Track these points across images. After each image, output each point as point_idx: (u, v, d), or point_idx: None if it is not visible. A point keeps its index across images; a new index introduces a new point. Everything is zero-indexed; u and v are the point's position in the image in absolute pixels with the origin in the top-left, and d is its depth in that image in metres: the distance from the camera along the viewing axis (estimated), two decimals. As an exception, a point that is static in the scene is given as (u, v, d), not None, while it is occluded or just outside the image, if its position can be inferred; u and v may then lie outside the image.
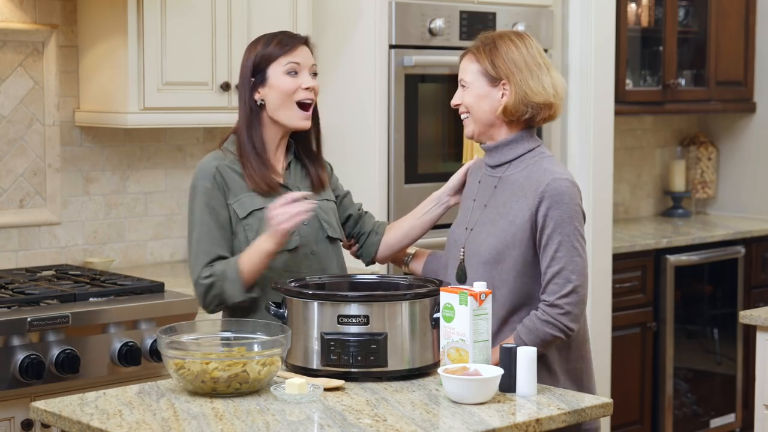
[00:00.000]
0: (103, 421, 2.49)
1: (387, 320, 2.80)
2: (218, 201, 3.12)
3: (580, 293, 2.98)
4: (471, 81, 3.09)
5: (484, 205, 3.11)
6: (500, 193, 3.08)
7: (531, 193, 3.00)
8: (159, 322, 3.68)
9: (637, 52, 5.88)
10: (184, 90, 4.15)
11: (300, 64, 3.14)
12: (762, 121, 6.38)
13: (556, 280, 2.96)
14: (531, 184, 3.02)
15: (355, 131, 4.51)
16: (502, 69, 3.06)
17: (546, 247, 2.97)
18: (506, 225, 3.02)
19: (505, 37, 3.10)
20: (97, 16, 4.16)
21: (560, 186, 2.99)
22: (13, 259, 4.19)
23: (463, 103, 3.12)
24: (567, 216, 2.97)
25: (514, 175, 3.08)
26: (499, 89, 3.06)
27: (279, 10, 4.33)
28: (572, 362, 3.08)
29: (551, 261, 2.97)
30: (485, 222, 3.08)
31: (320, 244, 3.19)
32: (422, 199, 3.93)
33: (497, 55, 3.07)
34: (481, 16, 4.73)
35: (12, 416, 3.47)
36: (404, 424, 2.48)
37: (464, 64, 3.13)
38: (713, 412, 5.82)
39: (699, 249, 5.71)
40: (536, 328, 2.95)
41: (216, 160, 3.16)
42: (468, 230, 3.12)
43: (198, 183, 3.14)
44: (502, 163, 3.10)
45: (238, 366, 2.64)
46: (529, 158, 3.08)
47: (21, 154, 4.19)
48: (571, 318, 2.96)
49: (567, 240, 2.96)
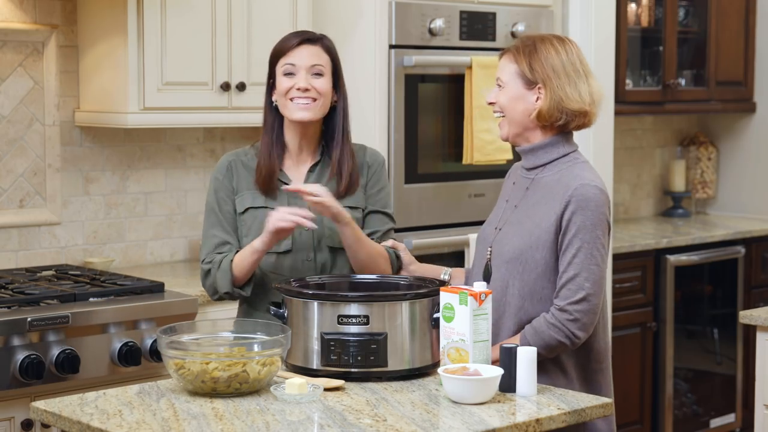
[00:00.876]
0: (103, 421, 2.49)
1: (387, 320, 2.80)
2: (227, 192, 3.20)
3: (592, 302, 2.93)
4: (507, 81, 3.06)
5: (515, 206, 3.09)
6: (531, 195, 3.07)
7: (558, 197, 2.98)
8: (159, 322, 3.68)
9: (637, 52, 5.88)
10: (184, 90, 4.15)
11: (296, 65, 3.15)
12: (762, 121, 6.38)
13: (570, 286, 2.93)
14: (560, 188, 3.00)
15: (355, 131, 4.47)
16: (539, 73, 3.02)
17: (565, 252, 2.95)
18: (532, 227, 3.01)
19: (546, 41, 3.07)
20: (97, 16, 4.16)
21: (588, 192, 2.96)
22: (13, 259, 4.19)
23: (498, 102, 3.10)
24: (590, 223, 2.94)
25: (545, 178, 3.06)
26: (534, 93, 3.03)
27: (279, 10, 4.33)
28: (590, 373, 3.05)
29: (568, 266, 2.94)
30: (513, 222, 3.06)
31: (321, 252, 3.18)
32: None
33: (536, 58, 3.03)
34: (481, 16, 4.73)
35: (12, 416, 3.47)
36: (404, 424, 2.48)
37: (502, 63, 3.10)
38: (713, 412, 5.82)
39: (699, 249, 5.71)
40: (542, 331, 2.93)
41: (235, 154, 3.27)
42: (497, 230, 3.10)
43: (214, 174, 3.26)
44: (537, 166, 3.08)
45: (238, 366, 2.64)
46: (562, 162, 3.06)
47: (21, 154, 4.19)
48: (578, 326, 2.92)
49: (586, 247, 2.93)
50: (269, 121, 3.22)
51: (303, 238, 3.15)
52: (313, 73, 3.17)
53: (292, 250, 3.15)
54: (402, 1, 4.50)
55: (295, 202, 3.15)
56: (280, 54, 3.18)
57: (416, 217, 4.57)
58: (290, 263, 3.15)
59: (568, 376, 3.00)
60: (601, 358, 3.06)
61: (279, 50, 3.20)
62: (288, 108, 3.17)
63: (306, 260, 3.16)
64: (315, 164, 3.23)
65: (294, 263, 3.15)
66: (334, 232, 3.15)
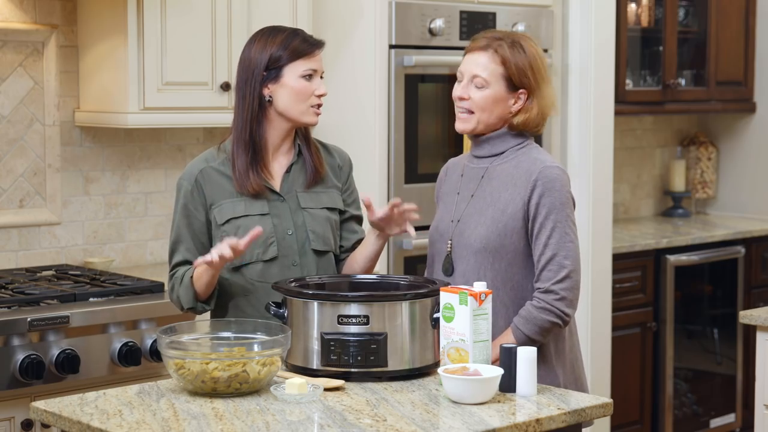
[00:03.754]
0: (103, 421, 2.49)
1: (387, 320, 2.80)
2: (195, 205, 3.12)
3: (574, 278, 2.97)
4: (490, 81, 3.02)
5: (471, 196, 3.09)
6: (487, 183, 3.07)
7: (522, 182, 3.00)
8: (159, 322, 3.68)
9: (637, 52, 5.88)
10: (184, 90, 4.15)
11: (316, 71, 3.13)
12: (762, 121, 6.38)
13: (550, 267, 2.96)
14: (521, 173, 3.01)
15: (355, 131, 4.51)
16: (530, 80, 3.00)
17: (539, 235, 2.97)
18: (497, 214, 3.01)
19: (526, 42, 3.03)
20: (97, 16, 4.16)
21: (551, 173, 2.99)
22: (13, 259, 4.19)
23: (472, 100, 3.04)
24: (559, 203, 2.97)
25: (501, 165, 3.06)
26: (514, 97, 3.03)
27: (279, 10, 4.34)
28: (566, 353, 3.08)
29: (544, 248, 2.96)
30: (472, 213, 3.06)
31: (306, 255, 3.15)
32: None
33: (524, 61, 3.00)
34: (481, 16, 4.73)
35: (12, 416, 3.48)
36: (404, 424, 2.48)
37: (483, 60, 3.02)
38: (713, 412, 5.82)
39: (699, 249, 5.71)
40: (533, 317, 2.95)
41: (204, 161, 3.15)
42: (454, 222, 3.10)
43: (182, 183, 3.15)
44: (492, 155, 3.09)
45: (238, 366, 2.64)
46: (516, 150, 3.07)
47: (21, 154, 4.19)
48: (566, 303, 2.96)
49: (560, 226, 2.96)
50: (250, 117, 3.11)
51: (287, 243, 3.12)
52: (321, 77, 3.17)
53: (278, 256, 3.11)
54: (402, 1, 4.50)
55: (275, 205, 3.11)
56: (301, 55, 3.11)
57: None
58: (277, 270, 3.12)
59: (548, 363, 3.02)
60: (570, 336, 3.09)
61: (299, 51, 3.11)
62: (301, 111, 3.11)
63: (292, 265, 3.13)
64: (291, 165, 3.17)
65: (281, 269, 3.12)
66: (316, 235, 3.14)
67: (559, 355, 3.06)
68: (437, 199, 3.24)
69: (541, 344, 2.98)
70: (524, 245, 3.00)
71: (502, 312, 3.02)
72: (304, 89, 3.11)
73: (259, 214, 3.09)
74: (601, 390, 5.09)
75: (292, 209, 3.14)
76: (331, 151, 3.27)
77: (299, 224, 3.13)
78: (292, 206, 3.14)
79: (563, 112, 5.07)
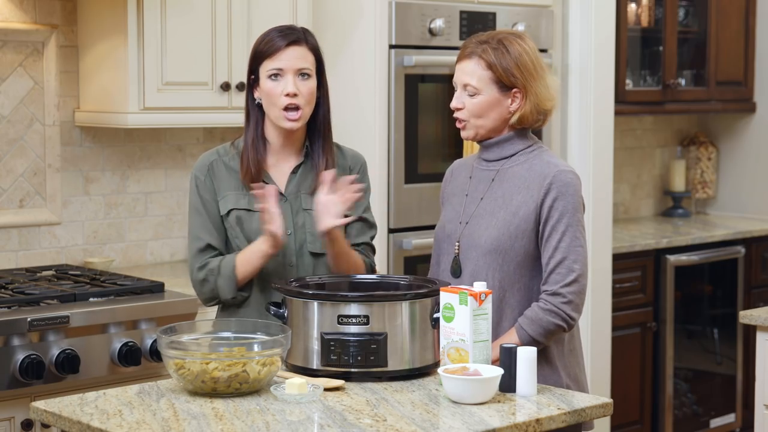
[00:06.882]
0: (103, 421, 2.49)
1: (387, 320, 2.80)
2: (210, 193, 3.15)
3: (582, 283, 2.98)
4: (480, 88, 3.02)
5: (480, 198, 3.09)
6: (498, 185, 3.07)
7: (536, 185, 3.00)
8: (159, 322, 3.68)
9: (637, 52, 5.88)
10: (184, 90, 4.15)
11: (283, 69, 3.07)
12: (762, 121, 6.38)
13: (559, 270, 2.96)
14: (534, 176, 3.02)
15: (355, 131, 4.50)
16: (519, 78, 3.00)
17: (549, 238, 2.98)
18: (508, 216, 3.01)
19: (510, 41, 3.02)
20: (97, 16, 4.16)
21: (566, 178, 3.00)
22: (13, 259, 4.19)
23: (467, 109, 3.05)
24: (572, 207, 2.98)
25: (513, 168, 3.07)
26: (509, 97, 3.03)
27: (279, 10, 4.34)
28: (568, 354, 3.09)
29: (554, 251, 2.97)
30: (482, 214, 3.06)
31: (303, 256, 3.15)
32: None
33: (509, 61, 3.00)
34: (481, 16, 4.73)
35: (12, 416, 3.47)
36: (404, 424, 2.48)
37: (470, 67, 3.03)
38: (713, 412, 5.82)
39: (699, 249, 5.71)
40: (539, 318, 2.95)
41: (216, 154, 3.20)
42: (462, 224, 3.10)
43: (195, 173, 3.19)
44: (502, 158, 3.09)
45: (238, 366, 2.64)
46: (528, 152, 3.07)
47: (21, 154, 4.19)
48: (573, 307, 2.96)
49: (571, 230, 2.97)
50: (252, 119, 3.16)
51: (287, 242, 3.12)
52: (299, 75, 3.09)
53: (276, 255, 3.11)
54: (402, 1, 4.50)
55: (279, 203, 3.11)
56: (265, 56, 3.08)
57: (416, 217, 4.57)
58: (273, 268, 3.13)
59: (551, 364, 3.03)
60: (570, 339, 3.10)
61: (263, 52, 3.09)
62: (275, 116, 3.10)
63: (289, 265, 3.13)
64: (298, 166, 3.17)
65: (276, 268, 3.13)
66: (315, 237, 3.13)
67: (561, 356, 3.06)
68: (442, 200, 3.24)
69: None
70: (533, 248, 3.01)
71: (508, 314, 3.02)
72: (271, 91, 3.08)
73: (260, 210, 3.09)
74: (601, 390, 5.09)
75: (294, 210, 3.14)
76: (344, 152, 3.26)
77: (299, 225, 3.13)
78: (295, 207, 3.14)
79: (563, 112, 5.08)
